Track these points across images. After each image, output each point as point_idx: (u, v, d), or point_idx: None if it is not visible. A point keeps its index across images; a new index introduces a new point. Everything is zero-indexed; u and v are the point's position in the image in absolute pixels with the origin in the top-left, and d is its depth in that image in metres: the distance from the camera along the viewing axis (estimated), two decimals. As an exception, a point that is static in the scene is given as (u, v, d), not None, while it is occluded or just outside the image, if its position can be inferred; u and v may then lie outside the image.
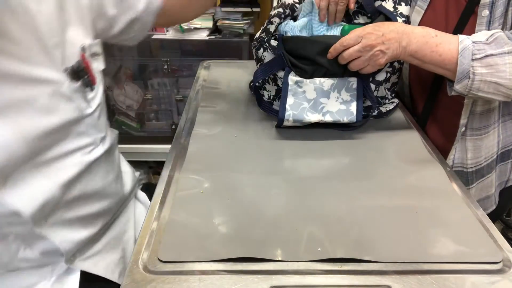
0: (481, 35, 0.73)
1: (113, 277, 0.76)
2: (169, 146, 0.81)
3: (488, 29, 0.77)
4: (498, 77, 0.71)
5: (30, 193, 0.60)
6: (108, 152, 0.76)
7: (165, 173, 0.72)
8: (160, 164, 1.30)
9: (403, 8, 0.87)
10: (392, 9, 0.86)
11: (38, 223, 0.62)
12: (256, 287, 0.50)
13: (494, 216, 0.63)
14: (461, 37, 0.74)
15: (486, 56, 0.71)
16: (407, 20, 0.87)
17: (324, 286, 0.51)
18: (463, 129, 0.85)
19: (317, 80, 0.81)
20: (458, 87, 0.74)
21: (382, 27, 0.75)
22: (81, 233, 0.71)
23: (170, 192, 0.67)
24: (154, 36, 1.92)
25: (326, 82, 0.81)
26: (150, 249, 0.55)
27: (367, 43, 0.74)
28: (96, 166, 0.72)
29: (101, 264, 0.76)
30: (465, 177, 0.89)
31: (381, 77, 0.86)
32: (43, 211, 0.62)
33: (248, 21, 1.91)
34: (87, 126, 0.69)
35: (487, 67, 0.71)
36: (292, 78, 0.81)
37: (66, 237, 0.68)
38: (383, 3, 0.87)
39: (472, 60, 0.71)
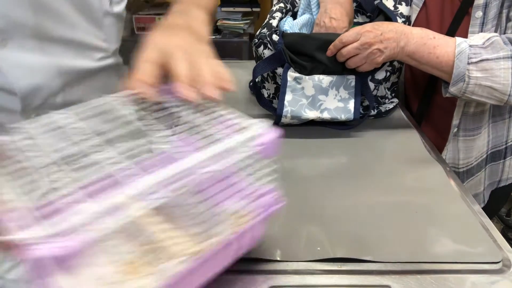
0: (478, 38, 0.73)
1: None
2: (168, 146, 0.80)
3: (481, 31, 0.77)
4: (493, 82, 0.71)
5: (28, 65, 0.56)
6: (115, 67, 0.71)
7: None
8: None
9: (403, 8, 0.87)
10: (392, 8, 0.86)
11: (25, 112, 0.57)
12: (255, 287, 0.50)
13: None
14: (458, 40, 0.74)
15: (481, 61, 0.71)
16: (407, 21, 0.87)
17: (324, 286, 0.51)
18: (456, 130, 0.85)
19: (316, 77, 0.81)
20: (453, 89, 0.74)
21: (381, 26, 0.76)
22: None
23: (170, 192, 0.67)
24: (154, 36, 1.91)
25: (325, 79, 0.81)
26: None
27: (365, 41, 0.74)
28: (98, 76, 0.67)
29: None
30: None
31: (380, 76, 0.86)
32: (34, 98, 0.58)
33: (248, 21, 1.92)
34: (104, 28, 0.64)
35: (482, 71, 0.71)
36: (291, 74, 0.81)
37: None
38: (383, 0, 0.87)
39: (468, 63, 0.71)
